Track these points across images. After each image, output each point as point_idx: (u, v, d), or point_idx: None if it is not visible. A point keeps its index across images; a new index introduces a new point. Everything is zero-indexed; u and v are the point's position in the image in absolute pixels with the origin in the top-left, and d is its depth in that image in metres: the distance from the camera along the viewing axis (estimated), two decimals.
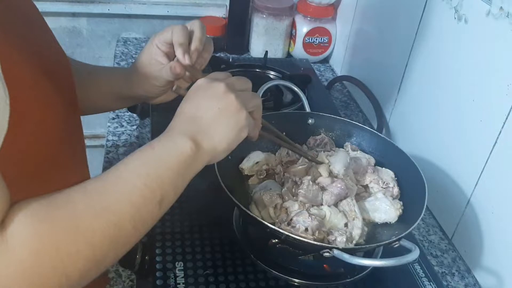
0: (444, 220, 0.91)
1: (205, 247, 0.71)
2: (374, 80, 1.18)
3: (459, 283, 0.81)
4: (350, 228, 0.66)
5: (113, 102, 0.79)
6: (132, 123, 1.10)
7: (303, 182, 0.67)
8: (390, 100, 1.10)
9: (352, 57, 1.32)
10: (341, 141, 0.85)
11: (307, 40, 1.38)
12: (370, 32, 1.21)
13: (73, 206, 0.44)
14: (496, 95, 0.76)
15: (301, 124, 0.84)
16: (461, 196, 0.84)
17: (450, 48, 0.88)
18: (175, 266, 0.67)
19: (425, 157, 0.94)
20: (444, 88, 0.89)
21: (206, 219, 0.76)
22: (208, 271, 0.67)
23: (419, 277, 0.72)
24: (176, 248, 0.70)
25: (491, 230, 0.79)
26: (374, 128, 1.14)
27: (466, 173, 0.83)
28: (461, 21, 0.84)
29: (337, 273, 0.69)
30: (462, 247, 0.86)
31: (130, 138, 1.05)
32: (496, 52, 0.76)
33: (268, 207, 0.67)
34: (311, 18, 1.37)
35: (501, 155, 0.76)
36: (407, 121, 1.03)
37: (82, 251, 0.43)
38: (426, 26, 0.95)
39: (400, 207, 0.71)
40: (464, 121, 0.84)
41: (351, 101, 1.29)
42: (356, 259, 0.56)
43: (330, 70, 1.44)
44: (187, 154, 0.51)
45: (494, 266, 0.79)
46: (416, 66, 0.99)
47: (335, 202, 0.68)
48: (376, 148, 0.82)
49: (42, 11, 0.61)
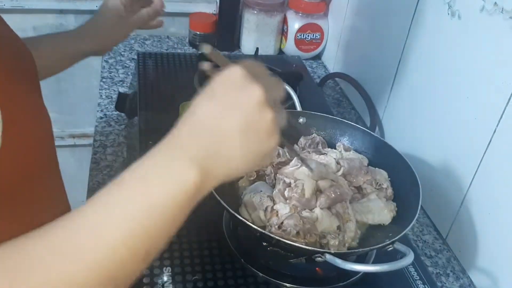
0: (438, 220, 0.90)
1: (194, 251, 0.69)
2: (367, 77, 1.16)
3: (454, 284, 0.79)
4: (343, 231, 0.64)
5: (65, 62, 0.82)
6: (120, 122, 1.08)
7: (297, 186, 0.65)
8: (383, 97, 1.08)
9: (345, 54, 1.30)
10: (333, 140, 0.83)
11: (299, 37, 1.36)
12: (363, 28, 1.19)
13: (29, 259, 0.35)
14: (491, 92, 0.74)
15: (292, 123, 0.82)
16: (455, 195, 0.83)
17: (443, 44, 0.86)
18: (162, 272, 0.65)
19: (419, 155, 0.93)
20: (438, 85, 0.88)
21: (194, 221, 0.73)
22: (196, 276, 0.65)
23: (414, 280, 0.70)
24: (164, 253, 0.68)
25: (486, 229, 0.77)
26: (367, 126, 1.12)
27: (460, 172, 0.82)
28: (455, 17, 0.82)
29: (329, 276, 0.67)
30: (456, 247, 0.85)
31: (118, 137, 1.03)
32: (490, 48, 0.75)
33: (258, 210, 0.65)
34: (302, 14, 1.35)
35: (496, 154, 0.74)
36: (401, 118, 1.01)
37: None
38: (419, 22, 0.94)
39: (394, 208, 0.69)
40: (459, 119, 0.82)
41: (344, 98, 1.27)
42: (349, 265, 0.54)
43: (322, 66, 1.42)
44: (190, 190, 0.40)
45: (489, 266, 0.77)
46: (410, 62, 0.98)
47: (329, 206, 0.66)
48: (369, 147, 0.80)
49: (29, 8, 0.58)
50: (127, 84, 1.20)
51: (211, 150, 0.41)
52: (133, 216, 0.38)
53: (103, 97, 1.15)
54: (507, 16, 0.70)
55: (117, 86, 1.20)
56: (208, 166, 0.40)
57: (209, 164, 0.41)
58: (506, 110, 0.71)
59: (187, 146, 0.41)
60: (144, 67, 1.14)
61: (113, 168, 0.93)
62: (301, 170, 0.66)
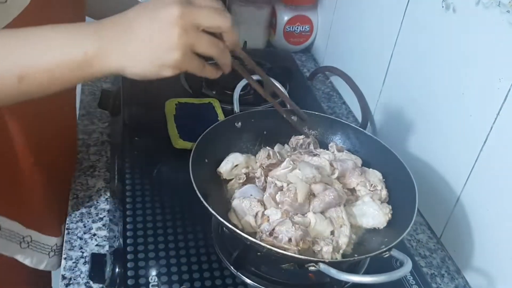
0: (432, 219, 0.88)
1: (181, 258, 0.66)
2: (357, 71, 1.14)
3: (449, 285, 0.78)
4: (336, 236, 0.61)
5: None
6: (104, 120, 1.04)
7: (290, 190, 0.62)
8: (374, 92, 1.05)
9: (335, 47, 1.27)
10: (325, 139, 0.80)
11: (288, 29, 1.33)
12: (353, 20, 1.16)
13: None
14: (487, 89, 0.72)
15: (283, 122, 0.79)
16: (450, 194, 0.81)
17: (437, 38, 0.83)
18: (148, 282, 0.62)
19: (413, 152, 0.91)
20: (432, 80, 0.85)
21: (181, 227, 0.71)
22: (184, 286, 0.62)
23: (409, 285, 0.68)
24: (150, 261, 0.65)
25: (481, 228, 0.76)
26: (359, 121, 1.10)
27: (455, 170, 0.80)
28: (449, 10, 0.80)
29: (322, 283, 0.65)
30: (451, 247, 0.83)
31: (102, 136, 0.99)
32: (486, 43, 0.72)
33: (248, 215, 0.62)
34: (292, 6, 1.31)
35: (492, 152, 0.72)
36: (393, 114, 0.99)
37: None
38: (412, 14, 0.91)
39: (389, 211, 0.67)
40: (453, 115, 0.80)
41: (334, 93, 1.24)
42: (344, 275, 0.51)
43: (312, 60, 1.39)
44: (80, 56, 0.48)
45: (484, 266, 0.76)
46: (402, 56, 0.95)
47: (323, 210, 0.63)
48: (362, 146, 0.78)
49: None
50: (110, 80, 1.16)
51: (111, 36, 0.49)
52: (25, 53, 0.48)
53: (85, 93, 1.11)
54: (504, 10, 0.68)
55: (101, 82, 1.15)
56: (104, 45, 0.49)
57: (106, 44, 0.49)
58: (503, 107, 0.69)
59: (96, 27, 0.50)
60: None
61: (96, 169, 0.90)
62: (293, 173, 0.63)
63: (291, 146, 0.78)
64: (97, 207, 0.82)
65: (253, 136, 0.79)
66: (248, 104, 0.95)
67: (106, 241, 0.75)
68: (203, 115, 0.94)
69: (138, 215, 0.72)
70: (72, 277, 0.69)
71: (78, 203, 0.82)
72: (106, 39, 0.49)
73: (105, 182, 0.87)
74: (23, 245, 0.76)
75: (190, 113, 0.94)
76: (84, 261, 0.71)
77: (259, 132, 0.79)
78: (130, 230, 0.69)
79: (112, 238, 0.75)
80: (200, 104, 0.97)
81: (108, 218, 0.79)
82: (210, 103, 0.97)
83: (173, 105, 0.95)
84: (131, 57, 0.50)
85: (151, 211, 0.72)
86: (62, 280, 0.69)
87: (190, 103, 0.97)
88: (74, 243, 0.75)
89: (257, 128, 0.79)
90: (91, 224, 0.78)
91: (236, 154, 0.73)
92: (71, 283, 0.68)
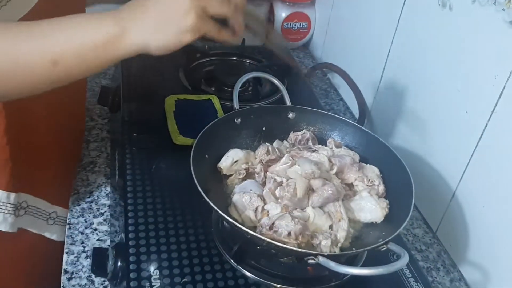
0: (428, 213, 0.89)
1: (182, 252, 0.67)
2: (355, 68, 1.15)
3: (445, 278, 0.79)
4: (335, 230, 0.62)
5: None
6: (103, 116, 1.05)
7: (289, 185, 0.64)
8: (372, 88, 1.06)
9: (332, 43, 1.28)
10: (323, 135, 0.81)
11: (286, 26, 1.34)
12: (351, 17, 1.17)
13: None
14: (483, 86, 0.73)
15: (282, 118, 0.80)
16: (446, 189, 0.82)
17: (434, 35, 0.84)
18: (150, 275, 0.63)
19: (409, 148, 0.92)
20: (429, 77, 0.87)
21: (182, 222, 0.72)
22: (185, 279, 0.63)
23: (406, 278, 0.69)
24: (151, 255, 0.66)
25: (476, 223, 0.77)
26: (356, 117, 1.11)
27: (451, 165, 0.81)
28: (446, 8, 0.81)
29: (322, 276, 0.66)
30: (447, 241, 0.84)
31: (102, 132, 1.00)
32: (482, 40, 0.73)
33: (248, 210, 0.63)
34: (289, 3, 1.32)
35: (487, 148, 0.74)
36: (390, 110, 1.00)
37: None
38: (409, 12, 0.92)
39: (386, 206, 0.68)
40: (449, 112, 0.81)
41: (332, 89, 1.25)
42: (343, 268, 0.53)
43: (310, 56, 1.40)
44: (105, 37, 0.52)
45: (479, 260, 0.77)
46: (399, 53, 0.96)
47: (322, 205, 0.64)
48: (360, 142, 0.79)
49: None
50: (110, 76, 1.17)
51: (129, 17, 0.54)
52: (58, 39, 0.52)
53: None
54: (499, 8, 0.69)
55: (100, 79, 1.16)
56: (124, 25, 0.53)
57: (125, 23, 0.53)
58: (498, 104, 0.70)
59: (114, 12, 0.54)
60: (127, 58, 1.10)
61: (96, 164, 0.91)
62: (293, 168, 0.65)
63: (289, 142, 0.79)
64: (97, 202, 0.82)
65: (252, 132, 0.80)
66: (248, 101, 0.97)
67: (107, 236, 0.76)
68: (203, 112, 0.94)
69: (139, 210, 0.72)
70: (74, 271, 0.70)
71: (79, 198, 0.83)
72: (125, 19, 0.53)
73: (106, 177, 0.88)
74: (50, 221, 0.79)
75: (189, 109, 0.95)
76: (85, 255, 0.73)
77: (258, 128, 0.80)
78: (132, 225, 0.70)
79: (113, 232, 0.76)
80: (199, 100, 0.98)
81: (109, 213, 0.80)
82: (210, 99, 0.98)
83: (172, 101, 0.95)
84: (152, 31, 0.54)
85: (152, 206, 0.73)
86: (64, 274, 0.70)
87: (189, 100, 0.98)
88: (76, 238, 0.75)
89: (256, 124, 0.80)
90: (92, 219, 0.79)
91: (236, 150, 0.74)
92: (73, 277, 0.69)
